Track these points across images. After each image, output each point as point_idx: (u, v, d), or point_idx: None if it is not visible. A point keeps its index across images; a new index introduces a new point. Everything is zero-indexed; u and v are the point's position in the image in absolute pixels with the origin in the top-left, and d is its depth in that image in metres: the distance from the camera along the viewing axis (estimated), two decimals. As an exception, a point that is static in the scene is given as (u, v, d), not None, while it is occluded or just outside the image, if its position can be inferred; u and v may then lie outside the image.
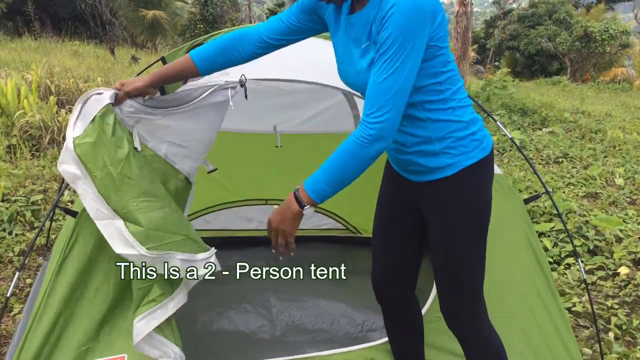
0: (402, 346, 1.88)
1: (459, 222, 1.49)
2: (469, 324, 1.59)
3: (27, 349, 1.63)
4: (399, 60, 1.27)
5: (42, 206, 3.77)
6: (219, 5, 18.56)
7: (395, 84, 1.28)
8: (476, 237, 1.52)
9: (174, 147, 1.74)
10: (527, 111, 8.63)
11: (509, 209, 2.12)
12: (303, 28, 1.58)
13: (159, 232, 1.56)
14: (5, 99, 5.44)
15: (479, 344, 1.60)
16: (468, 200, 1.49)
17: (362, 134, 1.31)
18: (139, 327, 1.60)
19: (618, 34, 18.50)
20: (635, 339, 2.62)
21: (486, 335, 1.60)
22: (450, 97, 1.45)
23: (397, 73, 1.28)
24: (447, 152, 1.45)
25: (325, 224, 3.61)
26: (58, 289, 1.68)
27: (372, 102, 1.30)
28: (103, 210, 1.55)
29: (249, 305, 2.65)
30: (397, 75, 1.28)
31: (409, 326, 1.82)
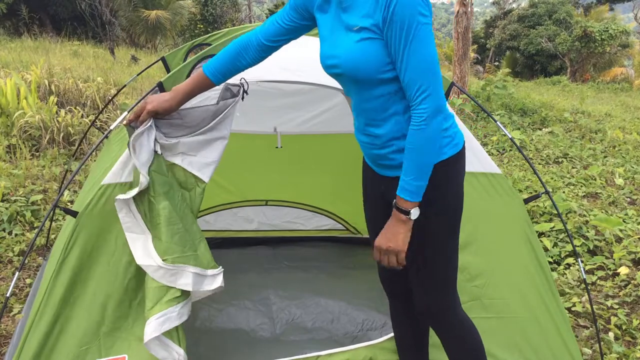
0: (406, 341, 1.88)
1: (431, 218, 1.50)
2: (445, 315, 1.63)
3: (26, 349, 1.64)
4: (426, 35, 1.32)
5: (41, 206, 3.77)
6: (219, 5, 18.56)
7: (424, 62, 1.33)
8: (446, 232, 1.55)
9: (189, 157, 1.79)
10: (527, 111, 8.63)
11: (509, 209, 2.12)
12: (296, 26, 1.63)
13: (176, 247, 1.67)
14: (5, 99, 5.44)
15: (456, 332, 1.64)
16: (437, 197, 1.50)
17: (417, 120, 1.37)
18: (154, 325, 1.62)
19: (618, 34, 18.50)
20: (635, 338, 2.63)
21: (462, 323, 1.64)
22: None
23: (423, 52, 1.33)
24: None
25: (325, 224, 3.61)
26: (58, 289, 1.68)
27: (417, 80, 1.35)
28: (137, 225, 1.68)
29: (249, 302, 2.65)
30: (423, 54, 1.33)
31: (414, 321, 1.83)
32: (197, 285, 1.69)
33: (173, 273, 1.65)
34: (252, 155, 3.27)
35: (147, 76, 8.44)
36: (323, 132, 3.26)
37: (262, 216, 3.54)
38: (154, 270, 1.65)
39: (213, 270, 1.75)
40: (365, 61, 1.39)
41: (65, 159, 4.87)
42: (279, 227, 3.56)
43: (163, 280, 1.65)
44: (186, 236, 1.70)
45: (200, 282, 1.70)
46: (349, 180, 2.71)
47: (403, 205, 1.42)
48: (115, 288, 1.73)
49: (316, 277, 3.01)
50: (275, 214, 3.55)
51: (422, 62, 1.34)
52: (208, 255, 1.76)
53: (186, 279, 1.66)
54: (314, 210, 3.57)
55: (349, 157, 2.94)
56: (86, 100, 6.29)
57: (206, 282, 1.72)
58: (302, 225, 3.59)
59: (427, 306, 1.63)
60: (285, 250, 3.40)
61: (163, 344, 1.67)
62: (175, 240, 1.67)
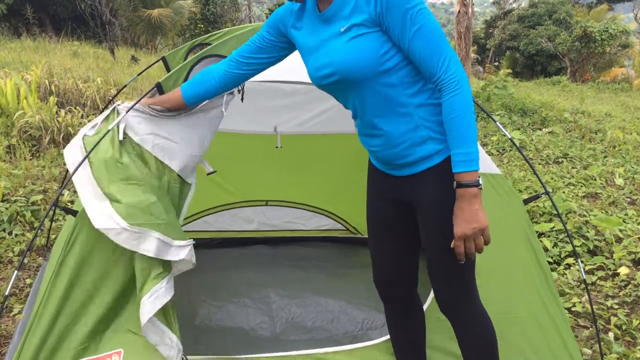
0: (404, 345, 1.88)
1: (450, 210, 1.48)
2: (464, 311, 1.61)
3: (27, 349, 1.64)
4: (425, 19, 1.34)
5: (41, 206, 3.77)
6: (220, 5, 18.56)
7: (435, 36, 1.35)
8: None
9: (159, 139, 1.77)
10: (527, 111, 8.63)
11: (509, 210, 2.12)
12: (267, 45, 1.65)
13: (137, 211, 1.61)
14: (5, 99, 5.44)
15: (476, 326, 1.63)
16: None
17: (450, 87, 1.36)
18: (148, 304, 1.62)
19: (618, 34, 18.50)
20: (635, 339, 2.62)
21: (483, 318, 1.63)
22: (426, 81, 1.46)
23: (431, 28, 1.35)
24: (434, 137, 1.46)
25: (325, 224, 3.61)
26: (57, 289, 1.68)
27: (432, 61, 1.36)
28: (94, 191, 1.63)
29: (249, 300, 2.66)
30: (432, 30, 1.35)
31: (411, 325, 1.83)
32: (161, 252, 1.63)
33: (136, 237, 1.60)
34: (252, 156, 3.27)
35: (147, 76, 8.44)
36: (323, 132, 3.26)
37: (262, 216, 3.54)
38: (117, 233, 1.59)
39: (181, 241, 1.68)
40: (362, 57, 1.38)
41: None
42: (279, 227, 3.56)
43: (126, 244, 1.61)
44: (152, 202, 1.65)
45: (164, 250, 1.64)
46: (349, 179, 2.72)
47: (468, 179, 1.37)
48: (115, 287, 1.73)
49: (316, 276, 3.01)
50: (275, 214, 3.55)
51: (433, 37, 1.36)
52: (178, 228, 1.71)
53: (150, 244, 1.61)
54: (314, 210, 3.57)
55: (349, 157, 2.94)
56: (86, 101, 6.30)
57: (172, 251, 1.66)
58: (302, 226, 3.59)
59: (447, 299, 1.61)
60: (285, 249, 3.41)
61: (157, 329, 1.67)
62: (136, 203, 1.62)
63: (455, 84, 1.36)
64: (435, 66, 1.37)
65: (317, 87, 1.56)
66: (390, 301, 1.81)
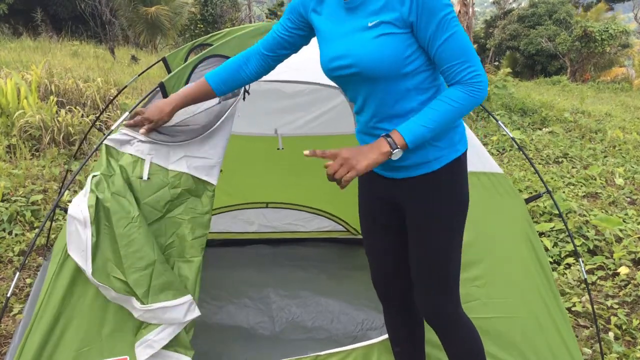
0: (403, 344, 1.88)
1: (442, 217, 1.50)
2: (448, 315, 1.62)
3: (27, 350, 1.63)
4: (456, 22, 1.35)
5: (42, 206, 3.77)
6: (219, 5, 18.55)
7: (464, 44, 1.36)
8: (456, 231, 1.55)
9: (194, 160, 1.76)
10: (527, 111, 8.63)
11: (510, 209, 2.12)
12: (291, 38, 1.62)
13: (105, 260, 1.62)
14: (5, 99, 5.44)
15: (459, 334, 1.63)
16: (452, 196, 1.50)
17: (475, 87, 1.36)
18: (138, 351, 1.65)
19: (618, 34, 18.49)
20: (635, 338, 2.63)
21: (465, 325, 1.63)
22: (439, 88, 1.47)
23: (461, 37, 1.36)
24: (435, 145, 1.46)
25: (326, 226, 3.61)
26: (58, 289, 1.68)
27: (467, 60, 1.36)
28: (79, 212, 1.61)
29: (249, 300, 2.66)
30: (461, 39, 1.36)
31: (410, 324, 1.83)
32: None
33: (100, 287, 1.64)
34: (253, 158, 3.27)
35: (147, 76, 8.43)
36: (324, 134, 3.26)
37: (262, 218, 3.54)
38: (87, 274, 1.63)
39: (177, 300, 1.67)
40: (387, 56, 1.36)
41: (65, 159, 4.87)
42: (279, 229, 3.56)
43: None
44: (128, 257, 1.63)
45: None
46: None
47: (396, 140, 1.36)
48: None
49: (316, 276, 3.01)
50: (275, 216, 3.55)
51: (463, 44, 1.36)
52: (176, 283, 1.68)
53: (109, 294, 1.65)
54: (315, 212, 3.57)
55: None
56: (86, 100, 6.29)
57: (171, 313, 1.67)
58: (302, 227, 3.59)
59: (430, 306, 1.62)
60: (286, 249, 3.41)
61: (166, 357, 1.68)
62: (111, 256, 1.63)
63: (473, 89, 1.36)
64: (461, 72, 1.37)
65: (327, 76, 1.53)
66: (388, 300, 1.81)
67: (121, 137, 1.71)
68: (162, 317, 1.64)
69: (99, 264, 1.61)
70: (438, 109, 1.37)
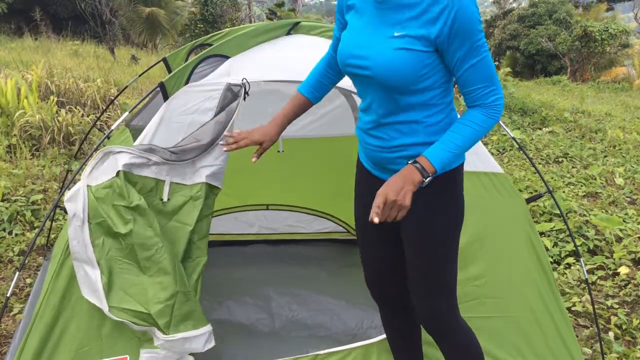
0: (400, 344, 1.88)
1: (439, 223, 1.50)
2: (445, 321, 1.62)
3: (27, 349, 1.63)
4: (485, 52, 1.37)
5: (42, 206, 3.77)
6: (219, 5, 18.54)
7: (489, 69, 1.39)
8: (453, 237, 1.55)
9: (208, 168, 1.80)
10: (527, 111, 8.62)
11: (510, 209, 2.12)
12: None
13: (123, 294, 1.63)
14: (5, 98, 5.44)
15: (457, 339, 1.63)
16: (450, 203, 1.51)
17: (495, 110, 1.41)
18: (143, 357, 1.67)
19: (618, 34, 18.48)
20: (635, 338, 2.63)
21: (463, 330, 1.63)
22: (448, 105, 1.48)
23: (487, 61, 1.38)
24: None
25: (326, 227, 3.61)
26: (57, 289, 1.68)
27: (490, 84, 1.39)
28: (84, 254, 1.63)
29: (249, 297, 2.66)
30: (488, 63, 1.38)
31: (406, 325, 1.82)
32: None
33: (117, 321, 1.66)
34: (253, 159, 3.27)
35: (147, 76, 8.42)
36: (324, 135, 3.26)
37: (263, 220, 3.54)
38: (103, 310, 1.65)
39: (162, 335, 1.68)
40: (403, 71, 1.36)
41: (65, 158, 4.87)
42: (279, 230, 3.56)
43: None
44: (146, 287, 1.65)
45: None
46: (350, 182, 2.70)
47: (426, 167, 1.37)
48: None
49: (317, 275, 3.02)
50: (276, 218, 3.55)
51: (489, 70, 1.39)
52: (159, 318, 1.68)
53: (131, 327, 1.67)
54: (315, 213, 3.56)
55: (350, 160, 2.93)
56: (86, 100, 6.29)
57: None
58: (303, 229, 3.58)
59: (426, 310, 1.61)
60: (286, 248, 3.41)
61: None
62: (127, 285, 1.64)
63: (494, 111, 1.40)
64: (484, 96, 1.40)
65: (340, 68, 1.54)
66: (383, 302, 1.81)
67: (137, 161, 1.69)
68: (183, 347, 1.68)
69: (114, 300, 1.64)
70: (463, 133, 1.40)
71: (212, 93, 1.88)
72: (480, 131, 1.41)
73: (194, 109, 1.87)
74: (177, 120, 1.85)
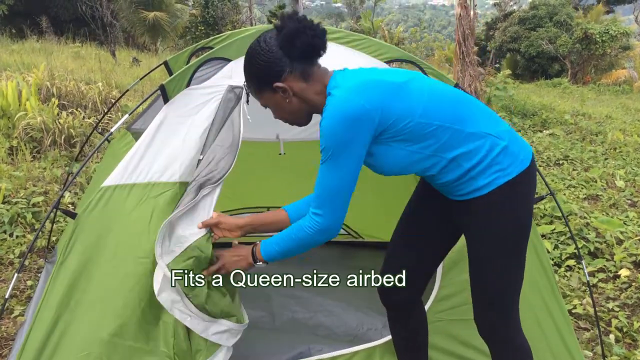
0: (406, 347, 1.88)
1: (493, 239, 1.51)
2: (500, 335, 1.62)
3: (27, 353, 1.62)
4: (334, 165, 1.40)
5: (42, 208, 3.77)
6: (220, 7, 18.57)
7: (331, 185, 1.43)
8: (511, 252, 1.53)
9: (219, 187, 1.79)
10: (528, 113, 8.64)
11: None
12: None
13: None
14: (6, 100, 5.45)
15: (509, 355, 1.63)
16: (503, 219, 1.49)
17: (309, 224, 1.49)
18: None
19: (618, 35, 18.50)
20: (636, 341, 2.62)
21: (518, 348, 1.62)
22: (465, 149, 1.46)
23: (332, 176, 1.42)
24: (482, 173, 1.46)
25: (326, 227, 3.61)
26: (56, 292, 1.66)
27: (316, 199, 1.46)
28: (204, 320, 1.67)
29: (249, 296, 2.65)
30: (332, 178, 1.42)
31: (413, 328, 1.83)
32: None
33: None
34: (254, 163, 3.26)
35: (148, 79, 8.43)
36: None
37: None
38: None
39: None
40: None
41: (66, 160, 4.88)
42: (279, 231, 3.56)
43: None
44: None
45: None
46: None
47: (258, 255, 1.60)
48: (115, 293, 1.68)
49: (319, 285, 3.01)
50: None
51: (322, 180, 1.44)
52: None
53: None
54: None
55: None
56: (87, 103, 6.30)
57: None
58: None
59: (483, 323, 1.62)
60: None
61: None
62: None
63: (310, 228, 1.48)
64: (314, 204, 1.47)
65: None
66: (391, 308, 1.82)
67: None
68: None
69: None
70: (289, 233, 1.55)
71: (213, 95, 1.88)
72: (292, 237, 1.53)
73: (195, 110, 1.87)
74: (177, 123, 1.85)
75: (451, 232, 1.67)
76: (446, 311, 2.07)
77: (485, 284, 1.56)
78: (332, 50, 2.13)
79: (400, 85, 1.42)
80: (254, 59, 1.45)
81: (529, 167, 1.50)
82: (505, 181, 1.46)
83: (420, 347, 1.86)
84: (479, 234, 1.52)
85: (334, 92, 1.41)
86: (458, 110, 1.46)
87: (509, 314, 1.59)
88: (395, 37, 22.04)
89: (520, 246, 1.54)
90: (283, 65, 1.42)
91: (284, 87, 1.45)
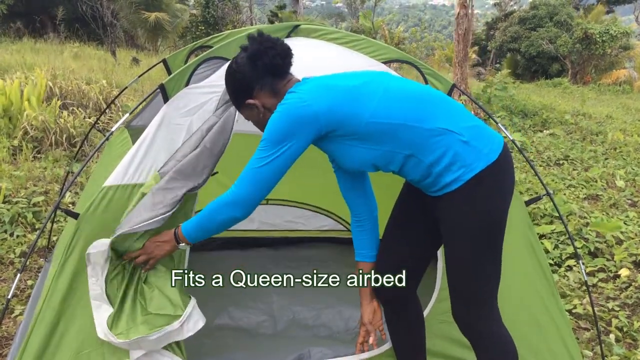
0: (404, 348, 1.88)
1: (465, 234, 1.52)
2: (478, 329, 1.63)
3: (28, 352, 1.63)
4: (266, 154, 1.51)
5: (43, 208, 3.78)
6: (220, 7, 18.57)
7: (259, 170, 1.54)
8: (483, 245, 1.55)
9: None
10: (528, 113, 8.63)
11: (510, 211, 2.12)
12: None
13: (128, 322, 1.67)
14: (8, 100, 5.45)
15: (488, 349, 1.64)
16: (472, 214, 1.51)
17: (223, 196, 1.57)
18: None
19: (619, 35, 18.50)
20: (636, 341, 2.62)
21: (497, 341, 1.63)
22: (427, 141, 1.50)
23: (261, 162, 1.54)
24: (447, 170, 1.49)
25: (326, 224, 3.61)
26: (58, 291, 1.67)
27: (239, 179, 1.56)
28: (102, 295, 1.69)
29: (250, 301, 2.66)
30: (260, 164, 1.54)
31: (410, 328, 1.83)
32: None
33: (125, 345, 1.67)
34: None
35: (148, 78, 8.44)
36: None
37: (263, 215, 3.55)
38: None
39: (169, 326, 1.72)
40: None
41: (67, 160, 4.88)
42: (279, 226, 3.57)
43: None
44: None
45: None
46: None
47: (180, 237, 1.65)
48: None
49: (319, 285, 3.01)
50: (275, 213, 3.56)
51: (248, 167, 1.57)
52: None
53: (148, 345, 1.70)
54: (315, 210, 3.58)
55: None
56: (88, 102, 6.31)
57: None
58: (302, 225, 3.59)
59: (460, 317, 1.64)
60: (287, 251, 3.41)
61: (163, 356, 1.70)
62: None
63: (223, 200, 1.57)
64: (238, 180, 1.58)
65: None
66: (386, 302, 1.82)
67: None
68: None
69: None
70: (206, 209, 1.59)
71: (212, 95, 1.88)
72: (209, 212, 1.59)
73: (194, 110, 1.87)
74: (177, 122, 1.86)
75: (437, 228, 1.66)
76: (446, 313, 2.06)
77: (459, 280, 1.58)
78: (331, 50, 2.15)
79: (352, 88, 1.50)
80: (229, 77, 1.60)
81: (496, 160, 1.52)
82: (471, 176, 1.48)
83: (415, 345, 1.86)
84: (452, 229, 1.55)
85: (288, 95, 1.52)
86: (418, 108, 1.50)
87: (485, 307, 1.61)
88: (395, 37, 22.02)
89: (493, 241, 1.56)
90: (252, 84, 1.55)
91: (255, 104, 1.58)
